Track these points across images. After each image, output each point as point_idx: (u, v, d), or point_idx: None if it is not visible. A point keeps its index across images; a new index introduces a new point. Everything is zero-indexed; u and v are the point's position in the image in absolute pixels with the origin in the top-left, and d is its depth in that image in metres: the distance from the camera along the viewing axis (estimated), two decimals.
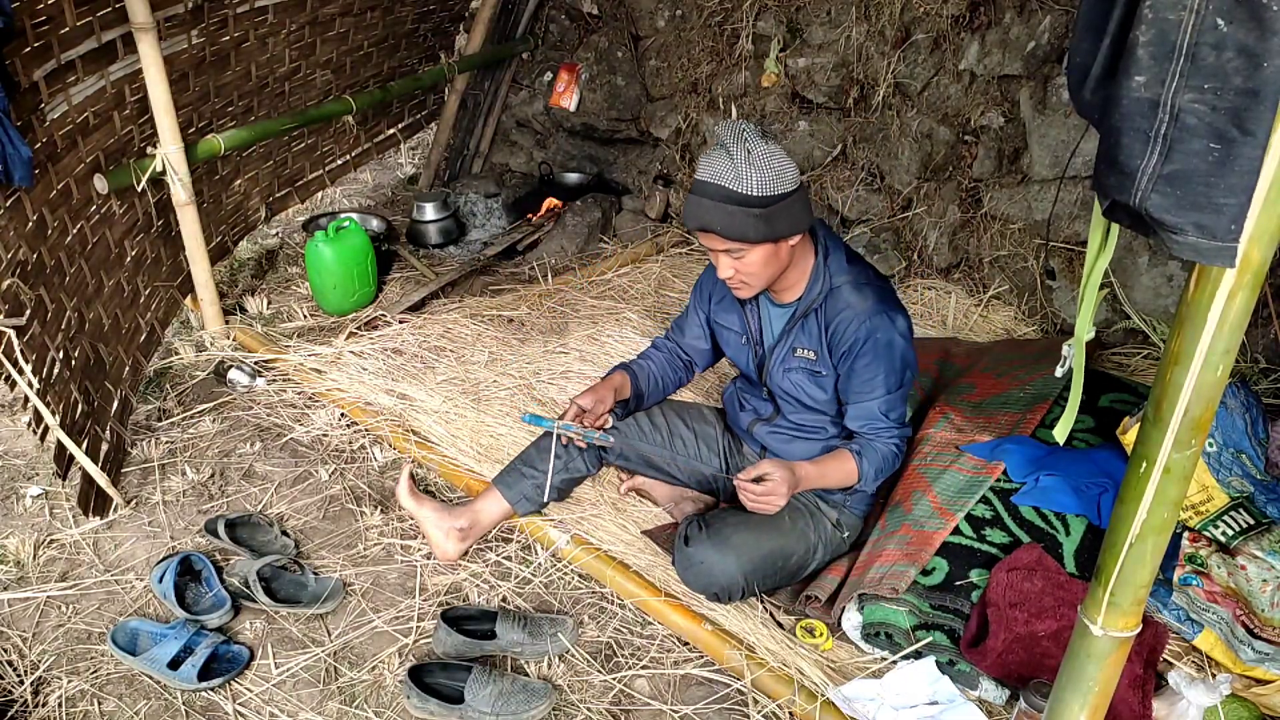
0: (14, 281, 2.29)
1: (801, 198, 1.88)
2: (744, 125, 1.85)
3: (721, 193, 1.83)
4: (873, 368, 1.96)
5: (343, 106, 3.69)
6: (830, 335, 1.99)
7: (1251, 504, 2.25)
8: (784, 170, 1.84)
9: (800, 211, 1.88)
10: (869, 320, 1.94)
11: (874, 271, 2.05)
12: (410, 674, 1.93)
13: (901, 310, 1.99)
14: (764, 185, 1.82)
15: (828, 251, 2.01)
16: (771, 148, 1.84)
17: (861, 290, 1.97)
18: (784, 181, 1.84)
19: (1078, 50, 1.02)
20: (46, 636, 2.09)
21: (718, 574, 2.04)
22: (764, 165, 1.82)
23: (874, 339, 1.93)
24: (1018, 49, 3.20)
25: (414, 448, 2.66)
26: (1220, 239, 0.95)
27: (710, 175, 1.85)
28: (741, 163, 1.81)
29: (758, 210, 1.82)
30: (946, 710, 1.85)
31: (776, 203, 1.83)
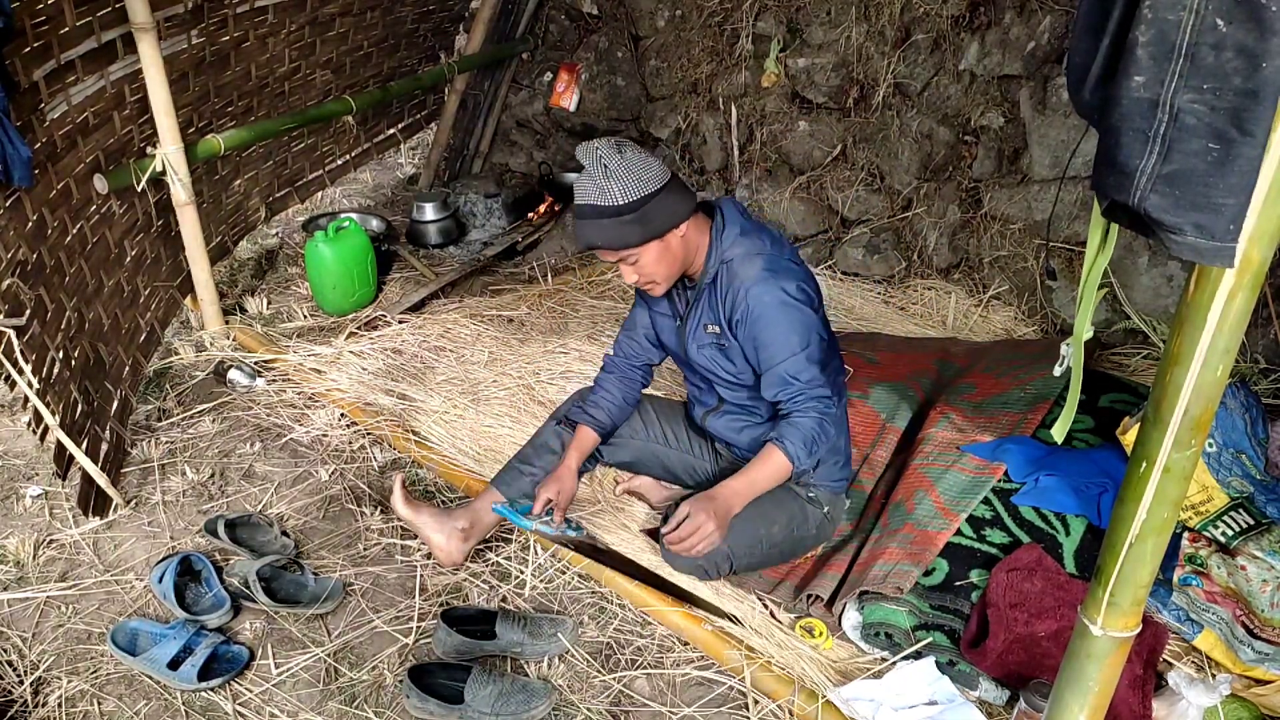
0: (14, 281, 2.29)
1: (673, 190, 1.95)
2: (598, 144, 1.94)
3: (593, 210, 1.94)
4: (769, 332, 2.00)
5: (343, 106, 3.69)
6: (727, 308, 2.05)
7: (1251, 504, 2.25)
8: (645, 173, 1.92)
9: (675, 203, 1.96)
10: (755, 287, 1.98)
11: (770, 238, 2.07)
12: (410, 674, 1.93)
13: (794, 274, 2.02)
14: (628, 192, 1.91)
15: (724, 228, 2.05)
16: (629, 156, 1.93)
17: (750, 260, 2.01)
18: (647, 183, 1.92)
19: (1077, 50, 1.02)
20: (46, 636, 2.09)
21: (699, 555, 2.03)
22: (623, 174, 1.91)
23: (762, 304, 1.98)
24: (1018, 49, 3.20)
25: (414, 448, 2.66)
26: (1219, 239, 0.95)
27: (581, 198, 1.95)
28: (601, 179, 1.91)
29: (629, 216, 1.92)
30: (946, 710, 1.85)
31: (645, 204, 1.92)
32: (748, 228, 2.06)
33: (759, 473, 2.05)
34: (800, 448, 2.00)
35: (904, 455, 2.58)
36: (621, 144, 1.96)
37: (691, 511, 1.99)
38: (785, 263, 2.03)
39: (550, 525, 2.20)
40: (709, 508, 1.99)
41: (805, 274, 2.06)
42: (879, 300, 3.57)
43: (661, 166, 1.97)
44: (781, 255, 2.04)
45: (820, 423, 2.02)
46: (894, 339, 3.26)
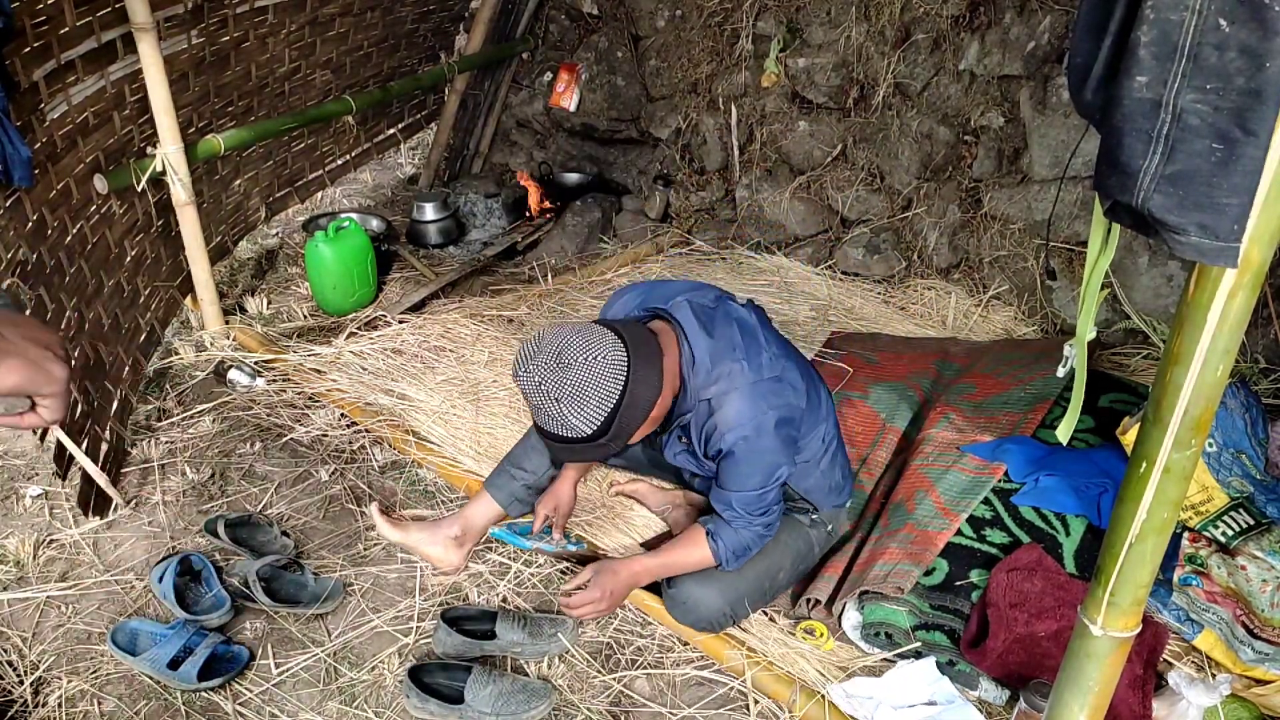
0: (14, 281, 2.29)
1: (639, 382, 1.74)
2: (537, 370, 1.71)
3: (562, 441, 1.77)
4: (736, 469, 1.88)
5: (343, 106, 3.69)
6: (707, 445, 1.92)
7: (1251, 504, 2.25)
8: (602, 387, 1.70)
9: (643, 391, 1.75)
10: (731, 434, 1.83)
11: (741, 349, 1.86)
12: (410, 674, 1.93)
13: (773, 400, 1.85)
14: (589, 422, 1.72)
15: (693, 359, 1.85)
16: (578, 374, 1.69)
17: (729, 400, 1.83)
18: (606, 403, 1.71)
19: (1078, 50, 1.02)
20: (46, 636, 2.09)
21: (703, 610, 2.02)
22: (578, 408, 1.70)
23: (736, 451, 1.84)
24: (1018, 49, 3.20)
25: (414, 448, 2.66)
26: (1223, 239, 0.95)
27: (542, 425, 1.77)
28: (556, 416, 1.72)
29: (602, 440, 1.76)
30: (945, 710, 1.85)
31: (613, 419, 1.73)
32: (716, 348, 1.85)
33: (679, 557, 2.03)
34: (730, 553, 1.97)
35: (904, 455, 2.58)
36: (563, 355, 1.70)
37: (594, 581, 2.01)
38: (765, 386, 1.85)
39: (549, 543, 2.22)
40: (611, 585, 2.00)
41: (784, 378, 1.89)
42: (879, 300, 3.57)
43: (615, 358, 1.72)
44: (760, 374, 1.85)
45: (760, 537, 1.98)
46: (894, 339, 3.27)
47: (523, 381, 1.74)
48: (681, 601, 2.04)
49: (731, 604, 2.03)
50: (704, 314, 1.90)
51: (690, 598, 2.02)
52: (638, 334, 1.80)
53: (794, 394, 1.90)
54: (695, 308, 1.90)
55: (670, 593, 2.07)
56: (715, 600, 2.01)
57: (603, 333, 1.76)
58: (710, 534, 1.98)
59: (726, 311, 1.93)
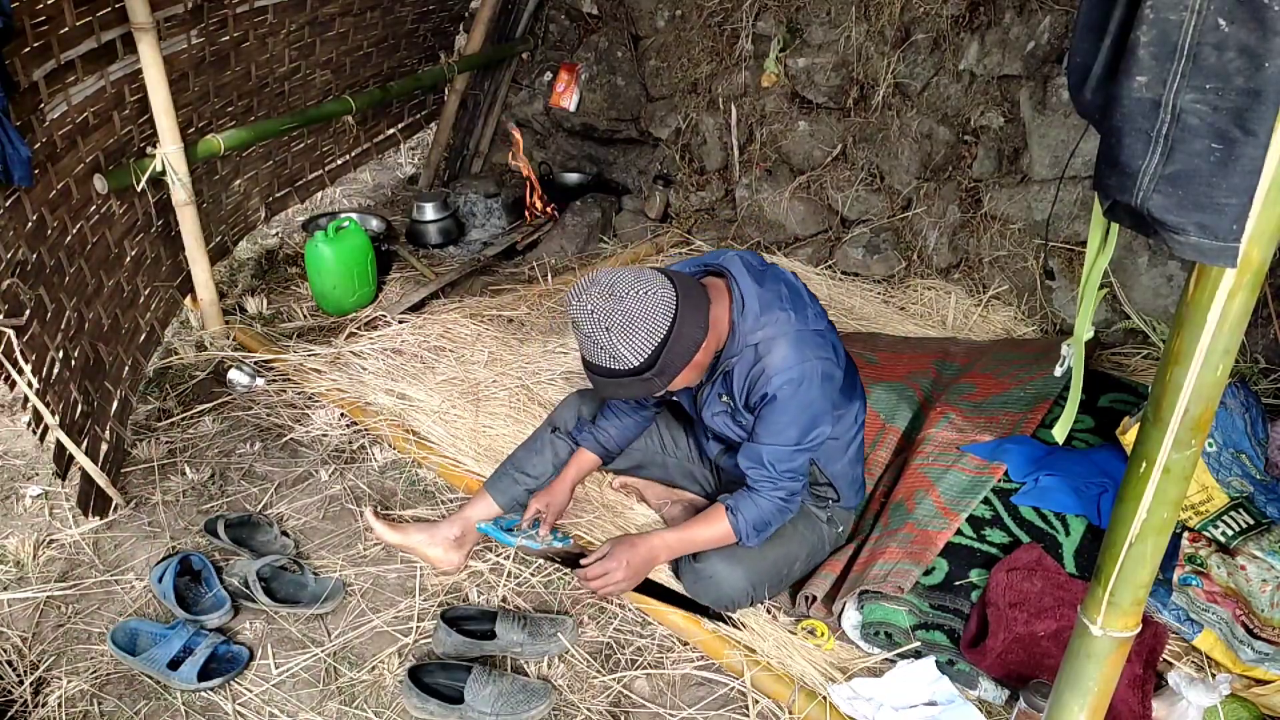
0: (14, 281, 2.29)
1: (684, 322, 1.79)
2: (590, 300, 1.76)
3: (607, 372, 1.81)
4: (773, 415, 1.90)
5: (343, 106, 3.69)
6: (751, 393, 1.94)
7: (1251, 504, 2.25)
8: (650, 320, 1.75)
9: (690, 331, 1.80)
10: (778, 377, 1.86)
11: (790, 301, 1.92)
12: (410, 674, 1.93)
13: (820, 350, 1.90)
14: (637, 351, 1.76)
15: (743, 305, 1.90)
16: (629, 306, 1.75)
17: (776, 345, 1.88)
18: (654, 331, 1.76)
19: (1078, 50, 1.02)
20: (46, 636, 2.09)
21: (727, 587, 2.04)
22: (626, 333, 1.75)
23: (780, 395, 1.87)
24: (1018, 49, 3.21)
25: (414, 448, 2.66)
26: (1222, 239, 0.95)
27: (590, 357, 1.82)
28: (606, 342, 1.76)
29: (647, 374, 1.79)
30: (945, 710, 1.85)
31: (659, 355, 1.77)
32: (765, 297, 1.91)
33: (699, 534, 2.05)
34: (751, 527, 1.98)
35: (904, 455, 2.58)
36: (615, 288, 1.76)
37: (610, 553, 2.04)
38: (810, 336, 1.90)
39: (535, 540, 2.23)
40: (628, 556, 2.02)
41: (827, 336, 1.95)
42: (879, 300, 3.58)
43: (665, 295, 1.78)
44: (805, 324, 1.91)
45: (781, 510, 1.98)
46: (894, 339, 3.27)
47: (575, 310, 1.79)
48: (707, 576, 2.05)
49: (754, 584, 2.05)
50: (755, 267, 1.97)
51: (716, 573, 2.03)
52: (688, 281, 1.86)
53: (836, 356, 1.95)
54: (746, 262, 1.97)
55: (696, 567, 2.07)
56: (739, 579, 2.03)
57: (655, 274, 1.83)
58: (730, 509, 2.00)
59: (776, 273, 2.00)
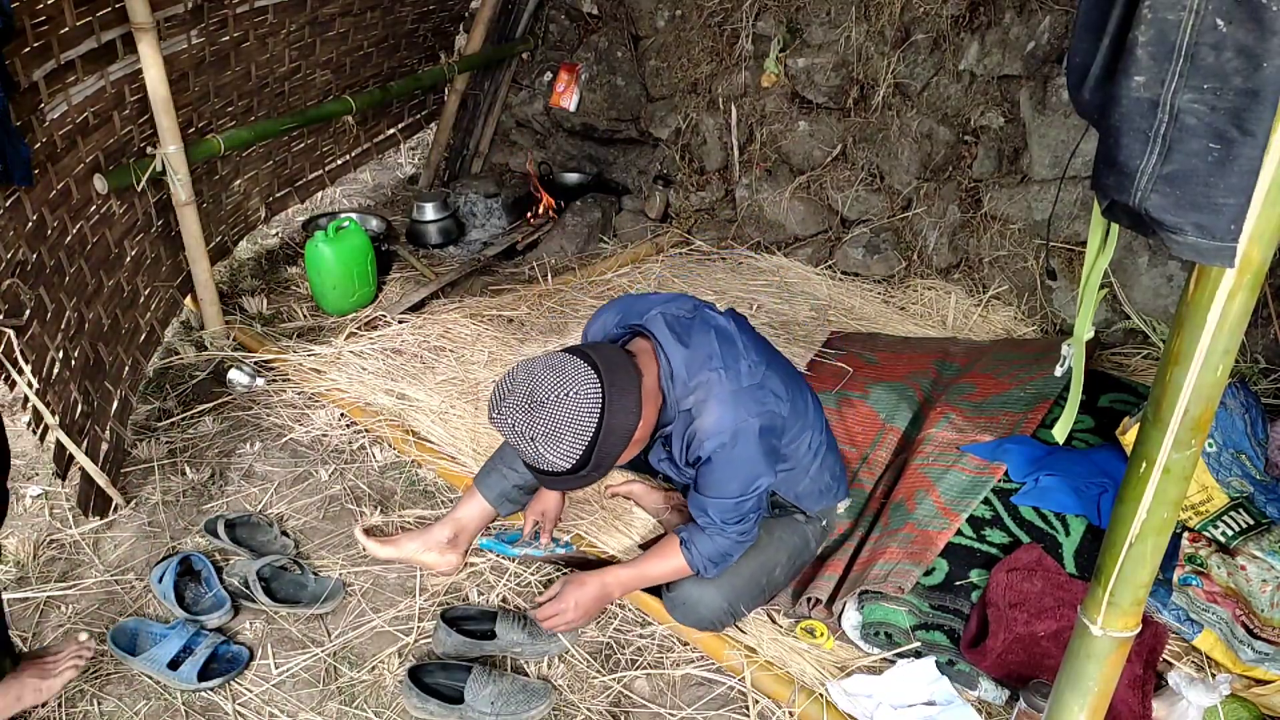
0: (14, 281, 2.29)
1: (616, 413, 1.71)
2: (509, 415, 1.70)
3: (544, 474, 1.77)
4: (714, 476, 1.86)
5: (343, 106, 3.69)
6: (685, 450, 1.91)
7: (1251, 504, 2.25)
8: (576, 428, 1.69)
9: (622, 422, 1.73)
10: (710, 440, 1.82)
11: (721, 371, 1.83)
12: (410, 674, 1.93)
13: (751, 412, 1.82)
14: (566, 458, 1.71)
15: (671, 373, 1.83)
16: (550, 415, 1.67)
17: (709, 409, 1.82)
18: (581, 438, 1.69)
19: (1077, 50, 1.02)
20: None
21: (704, 609, 2.02)
22: (553, 446, 1.69)
23: (715, 458, 1.83)
24: (1017, 49, 3.20)
25: (414, 448, 2.66)
26: (1220, 239, 0.95)
27: (524, 460, 1.77)
28: (534, 454, 1.71)
29: (583, 472, 1.75)
30: (944, 710, 1.85)
31: (591, 455, 1.72)
32: (693, 360, 1.83)
33: (654, 568, 2.03)
34: (707, 560, 1.95)
35: (904, 455, 2.58)
36: (534, 394, 1.68)
37: (560, 594, 2.02)
38: (744, 394, 1.83)
39: (538, 548, 2.23)
40: (577, 595, 2.00)
41: (764, 384, 1.87)
42: (879, 300, 3.57)
43: (588, 392, 1.69)
44: (738, 382, 1.83)
45: (737, 544, 1.95)
46: (893, 339, 3.27)
47: (498, 423, 1.73)
48: (682, 602, 2.04)
49: (730, 601, 2.03)
50: (679, 325, 1.88)
51: (690, 598, 2.02)
52: (613, 360, 1.77)
53: (776, 401, 1.88)
54: (669, 320, 1.88)
55: (670, 595, 2.07)
56: (715, 599, 2.01)
57: (575, 365, 1.73)
58: (684, 542, 1.97)
59: (704, 320, 1.91)
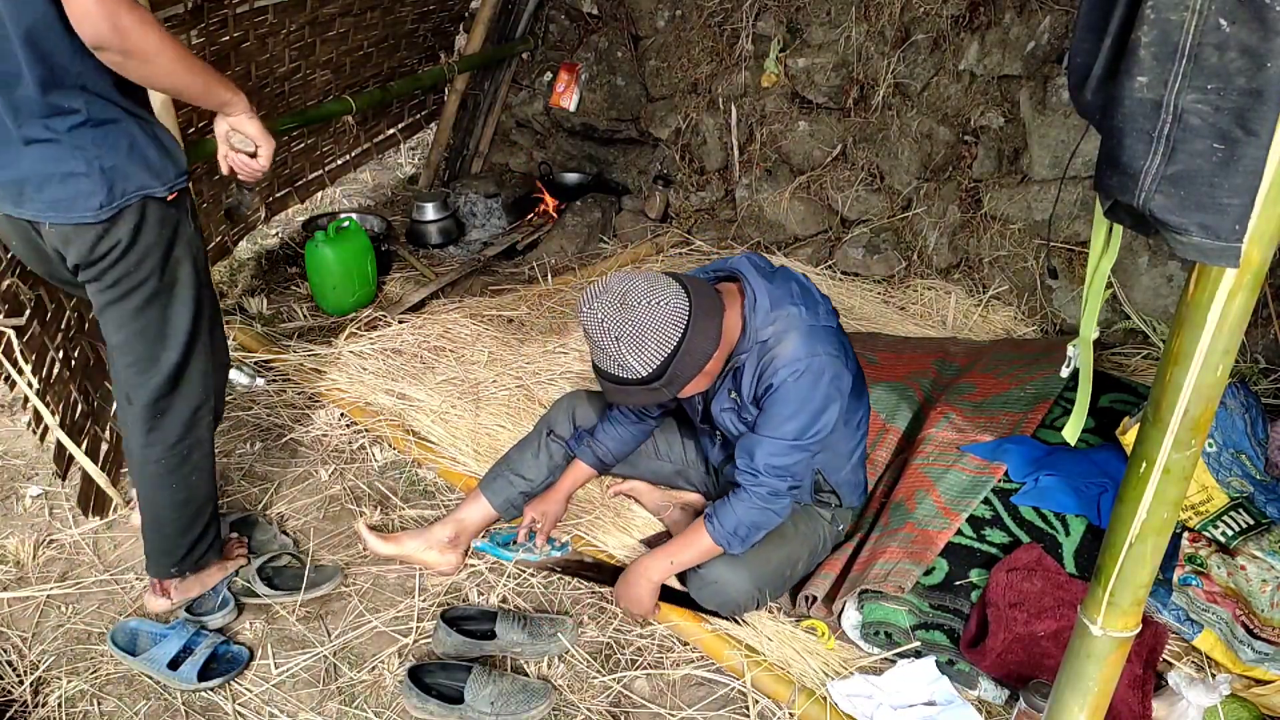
0: (14, 281, 2.28)
1: (695, 331, 1.77)
2: (600, 308, 1.75)
3: (617, 380, 1.80)
4: (775, 408, 1.88)
5: (343, 106, 3.69)
6: (758, 386, 1.93)
7: (1251, 504, 2.25)
8: (661, 331, 1.74)
9: (702, 342, 1.79)
10: (784, 369, 1.85)
11: (800, 297, 1.91)
12: (410, 674, 1.93)
13: (826, 350, 1.86)
14: (646, 361, 1.75)
15: (754, 302, 1.89)
16: (639, 316, 1.73)
17: (786, 340, 1.86)
18: (665, 342, 1.74)
19: (1078, 50, 1.02)
20: (46, 636, 2.09)
21: (732, 591, 2.03)
22: (636, 342, 1.74)
23: (786, 385, 1.85)
24: (1018, 49, 3.21)
25: (414, 448, 2.66)
26: (1225, 239, 0.95)
27: (599, 364, 1.82)
28: (615, 351, 1.75)
29: (656, 383, 1.78)
30: (944, 710, 1.85)
31: (669, 365, 1.76)
32: (776, 294, 1.90)
33: (683, 552, 2.04)
34: (729, 532, 1.95)
35: (904, 455, 2.58)
36: (627, 296, 1.75)
37: (616, 595, 2.12)
38: (821, 331, 1.89)
39: (533, 552, 2.23)
40: (622, 591, 2.10)
41: (838, 334, 1.94)
42: (879, 300, 3.58)
43: (677, 305, 1.76)
44: (817, 319, 1.90)
45: (761, 511, 1.94)
46: (894, 339, 3.27)
47: (586, 318, 1.78)
48: (711, 581, 2.04)
49: (759, 586, 2.04)
50: (764, 268, 1.97)
51: (720, 578, 2.03)
52: (703, 288, 1.84)
53: (845, 356, 1.93)
54: (754, 263, 1.97)
55: (700, 573, 2.06)
56: (744, 582, 2.02)
57: (669, 281, 1.81)
58: (707, 517, 1.99)
59: (786, 272, 1.99)
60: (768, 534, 2.02)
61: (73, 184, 1.67)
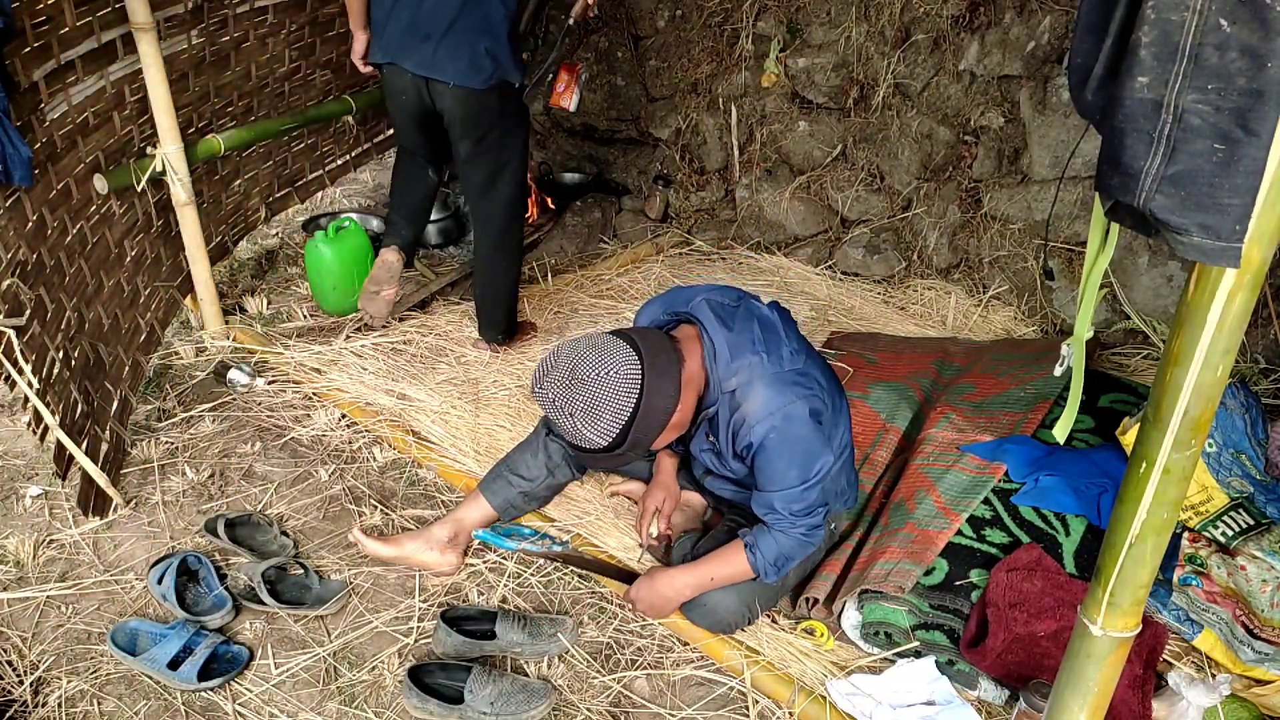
0: (14, 281, 2.29)
1: (654, 394, 1.75)
2: (550, 390, 1.76)
3: (581, 450, 1.82)
4: (770, 465, 1.85)
5: (343, 106, 3.68)
6: (735, 442, 1.91)
7: (1251, 504, 2.25)
8: (615, 406, 1.73)
9: (659, 404, 1.77)
10: (760, 426, 1.82)
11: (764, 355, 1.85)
12: (410, 674, 1.93)
13: (802, 394, 1.83)
14: (603, 435, 1.76)
15: (714, 352, 1.86)
16: (591, 391, 1.73)
17: (753, 390, 1.83)
18: (619, 416, 1.74)
19: (1079, 51, 1.02)
20: (46, 636, 2.09)
21: (723, 611, 2.03)
22: (592, 423, 1.74)
23: (769, 441, 1.83)
24: (1018, 49, 3.20)
25: (414, 448, 2.66)
26: (1225, 239, 0.95)
27: (561, 434, 1.82)
28: (572, 430, 1.76)
29: (618, 450, 1.79)
30: (944, 710, 1.85)
31: (627, 434, 1.76)
32: (736, 342, 1.86)
33: (718, 570, 2.01)
34: (770, 564, 1.94)
35: (904, 455, 2.58)
36: (576, 370, 1.74)
37: (633, 598, 2.09)
38: (786, 376, 1.85)
39: (535, 543, 2.23)
40: (650, 599, 2.06)
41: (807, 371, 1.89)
42: (879, 300, 3.58)
43: (628, 373, 1.74)
44: (780, 365, 1.85)
45: (802, 544, 1.93)
46: (894, 339, 3.27)
47: (538, 396, 1.79)
48: (701, 604, 2.04)
49: (748, 605, 2.04)
50: (724, 310, 1.92)
51: (710, 600, 2.03)
52: (655, 343, 1.81)
53: (819, 389, 1.90)
54: (714, 305, 1.92)
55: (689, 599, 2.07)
56: (733, 603, 2.02)
57: (617, 346, 1.78)
58: (749, 546, 1.95)
59: (749, 309, 1.94)
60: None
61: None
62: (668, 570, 2.08)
